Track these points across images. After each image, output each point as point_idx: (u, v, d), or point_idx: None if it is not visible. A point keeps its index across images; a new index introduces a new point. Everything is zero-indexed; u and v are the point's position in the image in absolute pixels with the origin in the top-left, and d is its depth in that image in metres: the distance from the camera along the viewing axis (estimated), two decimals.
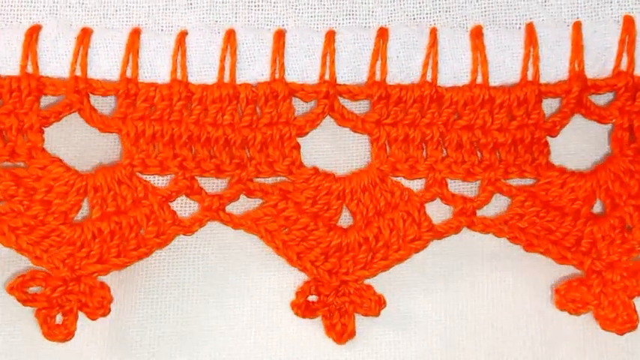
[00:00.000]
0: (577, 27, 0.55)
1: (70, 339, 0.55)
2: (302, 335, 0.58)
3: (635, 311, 0.55)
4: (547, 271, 0.57)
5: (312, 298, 0.56)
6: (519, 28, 0.56)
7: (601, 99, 0.56)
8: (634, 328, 0.55)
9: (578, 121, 0.57)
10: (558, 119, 0.55)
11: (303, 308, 0.56)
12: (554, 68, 0.55)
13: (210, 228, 0.57)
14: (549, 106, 0.56)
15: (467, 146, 0.55)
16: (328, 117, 0.56)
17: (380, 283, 0.57)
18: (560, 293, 0.56)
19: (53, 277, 0.55)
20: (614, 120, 0.56)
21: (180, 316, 0.57)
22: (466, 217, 0.55)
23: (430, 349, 0.58)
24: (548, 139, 0.56)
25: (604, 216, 0.56)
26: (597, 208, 0.57)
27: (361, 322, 0.57)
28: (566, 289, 0.56)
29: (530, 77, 0.55)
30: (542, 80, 0.55)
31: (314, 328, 0.58)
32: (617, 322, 0.55)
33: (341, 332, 0.56)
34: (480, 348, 0.58)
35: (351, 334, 0.56)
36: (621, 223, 0.56)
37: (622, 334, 0.56)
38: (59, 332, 0.55)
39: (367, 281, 0.56)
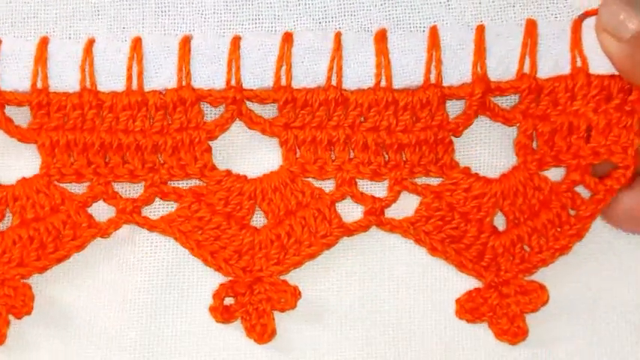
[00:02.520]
0: (480, 30, 0.54)
1: (3, 343, 0.56)
2: (304, 336, 0.58)
3: (525, 323, 0.55)
4: (547, 272, 0.57)
5: (230, 301, 0.56)
6: (423, 31, 0.55)
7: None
8: (524, 338, 0.56)
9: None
10: (462, 120, 0.55)
11: (220, 311, 0.56)
12: (458, 71, 0.54)
13: None
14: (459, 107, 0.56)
15: (372, 147, 0.55)
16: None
17: (380, 285, 0.57)
18: (459, 303, 0.56)
19: None
20: (518, 125, 0.55)
21: (180, 317, 0.57)
22: (375, 216, 0.56)
23: (430, 349, 0.58)
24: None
25: (505, 231, 0.56)
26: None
27: (361, 321, 0.57)
28: (466, 299, 0.56)
29: (433, 80, 0.54)
30: (446, 83, 0.54)
31: (315, 328, 0.58)
32: (509, 332, 0.56)
33: (262, 332, 0.56)
34: (480, 348, 0.57)
35: (272, 333, 0.56)
36: (520, 241, 0.56)
37: (514, 344, 0.56)
38: None
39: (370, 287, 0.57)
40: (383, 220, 0.56)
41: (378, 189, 0.57)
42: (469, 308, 0.56)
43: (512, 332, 0.56)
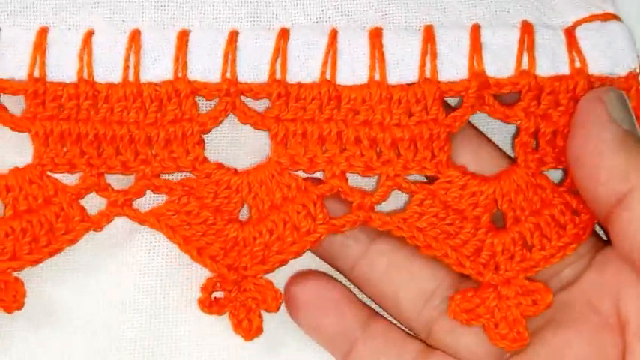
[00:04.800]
0: (476, 28, 0.53)
1: None
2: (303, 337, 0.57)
3: (526, 328, 0.52)
4: None
5: (219, 294, 0.55)
6: (419, 29, 0.54)
7: None
8: (524, 345, 0.52)
9: None
10: (458, 115, 0.53)
11: (208, 304, 0.54)
12: (454, 67, 0.52)
13: None
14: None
15: (365, 142, 0.53)
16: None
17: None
18: (455, 302, 0.53)
19: None
20: (518, 122, 0.53)
21: (180, 317, 0.56)
22: (364, 212, 0.53)
23: None
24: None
25: (505, 229, 0.53)
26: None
27: None
28: (462, 298, 0.53)
29: (428, 75, 0.52)
30: (443, 79, 0.52)
31: None
32: (507, 338, 0.53)
33: (248, 329, 0.54)
34: None
35: (258, 330, 0.54)
36: (522, 238, 0.53)
37: (510, 350, 0.53)
38: None
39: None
40: (372, 216, 0.53)
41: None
42: (464, 308, 0.53)
43: (512, 338, 0.53)
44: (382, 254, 0.55)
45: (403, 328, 0.56)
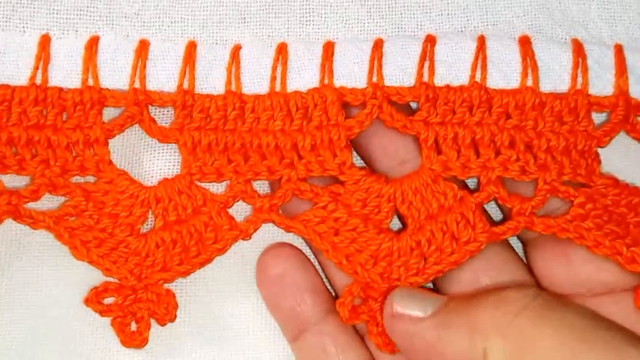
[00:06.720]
0: (619, 48, 0.53)
1: (145, 345, 0.54)
2: None
3: None
4: None
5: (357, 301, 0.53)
6: (565, 41, 0.53)
7: None
8: None
9: None
10: (608, 130, 0.52)
11: (349, 311, 0.53)
12: (601, 82, 0.52)
13: None
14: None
15: (520, 146, 0.51)
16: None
17: None
18: None
19: (124, 287, 0.53)
20: None
21: (179, 317, 0.55)
22: (524, 217, 0.52)
23: None
24: None
25: None
26: None
27: None
28: None
29: (579, 86, 0.52)
30: (591, 92, 0.52)
31: None
32: None
33: (386, 342, 0.53)
34: None
35: (392, 346, 0.53)
36: None
37: None
38: (135, 339, 0.53)
39: None
40: (535, 220, 0.52)
41: None
42: None
43: None
44: None
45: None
